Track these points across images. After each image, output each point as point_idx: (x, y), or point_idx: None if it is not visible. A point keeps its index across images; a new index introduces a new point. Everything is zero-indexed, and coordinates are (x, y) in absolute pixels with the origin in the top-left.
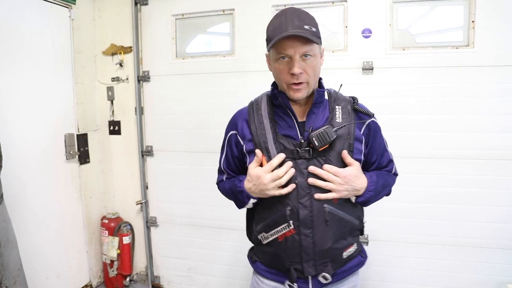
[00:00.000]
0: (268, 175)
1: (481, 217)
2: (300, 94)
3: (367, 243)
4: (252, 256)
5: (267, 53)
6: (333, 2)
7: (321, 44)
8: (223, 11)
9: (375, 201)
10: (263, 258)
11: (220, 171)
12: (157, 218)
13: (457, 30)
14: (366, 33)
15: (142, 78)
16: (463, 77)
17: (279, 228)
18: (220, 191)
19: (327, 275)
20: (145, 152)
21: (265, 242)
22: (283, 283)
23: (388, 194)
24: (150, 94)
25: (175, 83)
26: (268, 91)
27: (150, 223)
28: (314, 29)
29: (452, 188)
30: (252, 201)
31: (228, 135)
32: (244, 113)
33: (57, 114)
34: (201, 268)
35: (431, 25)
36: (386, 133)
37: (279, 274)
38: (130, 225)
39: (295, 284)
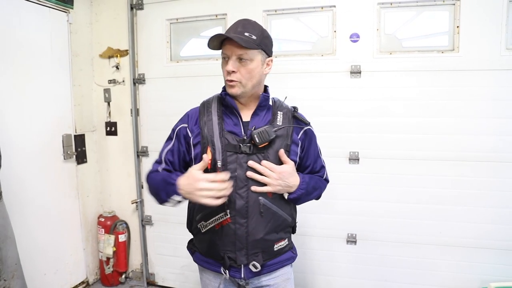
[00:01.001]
0: (206, 183)
1: (466, 218)
2: (233, 90)
3: (355, 242)
4: (192, 247)
5: None
6: (322, 7)
7: (266, 52)
8: (216, 16)
9: (306, 200)
10: (200, 247)
11: (159, 161)
12: (152, 217)
13: (442, 35)
14: (354, 37)
15: (138, 80)
16: (449, 80)
17: (217, 217)
18: (148, 181)
19: (257, 264)
20: (141, 153)
21: (203, 230)
22: (218, 271)
23: (318, 197)
24: (145, 96)
25: (169, 85)
26: (219, 93)
27: (145, 221)
28: (254, 37)
29: (437, 189)
30: (176, 198)
31: (178, 127)
32: (196, 111)
33: (55, 115)
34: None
35: (418, 30)
36: (372, 135)
37: (214, 264)
38: (126, 223)
39: (227, 271)
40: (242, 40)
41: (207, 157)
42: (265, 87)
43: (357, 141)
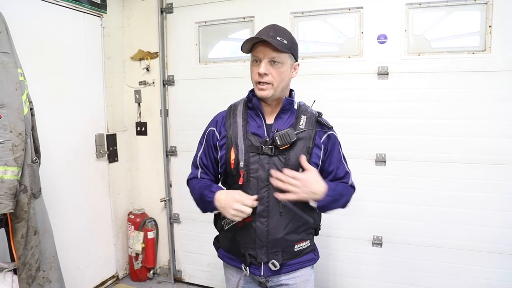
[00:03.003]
0: (239, 206)
1: (497, 222)
2: (264, 92)
3: (381, 244)
4: (216, 243)
5: None
6: (349, 9)
7: (294, 57)
8: (244, 18)
9: (334, 208)
10: (224, 243)
11: (196, 166)
12: (180, 215)
13: (473, 35)
14: (382, 38)
15: (167, 82)
16: (479, 82)
17: None
18: (189, 187)
19: (276, 263)
20: (169, 152)
21: (226, 227)
22: (239, 268)
23: (344, 206)
24: (174, 97)
25: (198, 87)
26: (246, 96)
27: (173, 219)
28: (285, 42)
29: (463, 192)
30: (214, 212)
31: (207, 130)
32: (223, 114)
33: (88, 116)
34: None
35: (447, 30)
36: (400, 137)
37: (236, 260)
38: (154, 221)
39: (247, 267)
40: (277, 43)
41: (254, 201)
42: (290, 91)
43: (384, 143)
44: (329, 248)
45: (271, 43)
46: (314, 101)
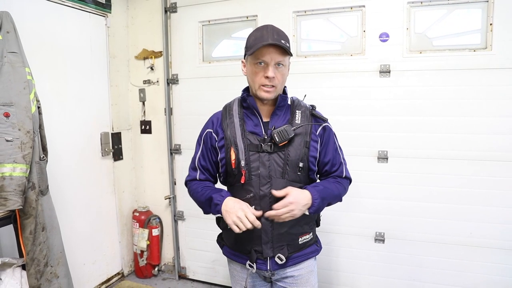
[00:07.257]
0: (242, 214)
1: (497, 219)
2: (269, 95)
3: (383, 241)
4: (220, 241)
5: (243, 59)
6: (351, 8)
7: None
8: (247, 17)
9: (327, 205)
10: (228, 241)
11: (194, 169)
12: (184, 212)
13: (474, 33)
14: (384, 37)
15: (171, 81)
16: (480, 79)
17: None
18: (189, 189)
19: (282, 256)
20: (174, 150)
21: (229, 226)
22: (244, 264)
23: (340, 199)
24: (178, 96)
25: (202, 85)
26: (241, 96)
27: (177, 216)
28: (288, 45)
29: (466, 188)
30: (216, 215)
31: (204, 133)
32: (219, 114)
33: (94, 114)
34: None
35: (449, 28)
36: (402, 134)
37: (241, 256)
38: (159, 218)
39: (254, 264)
40: (286, 47)
41: (256, 220)
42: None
43: (386, 140)
44: (332, 244)
45: (277, 47)
46: (305, 96)
